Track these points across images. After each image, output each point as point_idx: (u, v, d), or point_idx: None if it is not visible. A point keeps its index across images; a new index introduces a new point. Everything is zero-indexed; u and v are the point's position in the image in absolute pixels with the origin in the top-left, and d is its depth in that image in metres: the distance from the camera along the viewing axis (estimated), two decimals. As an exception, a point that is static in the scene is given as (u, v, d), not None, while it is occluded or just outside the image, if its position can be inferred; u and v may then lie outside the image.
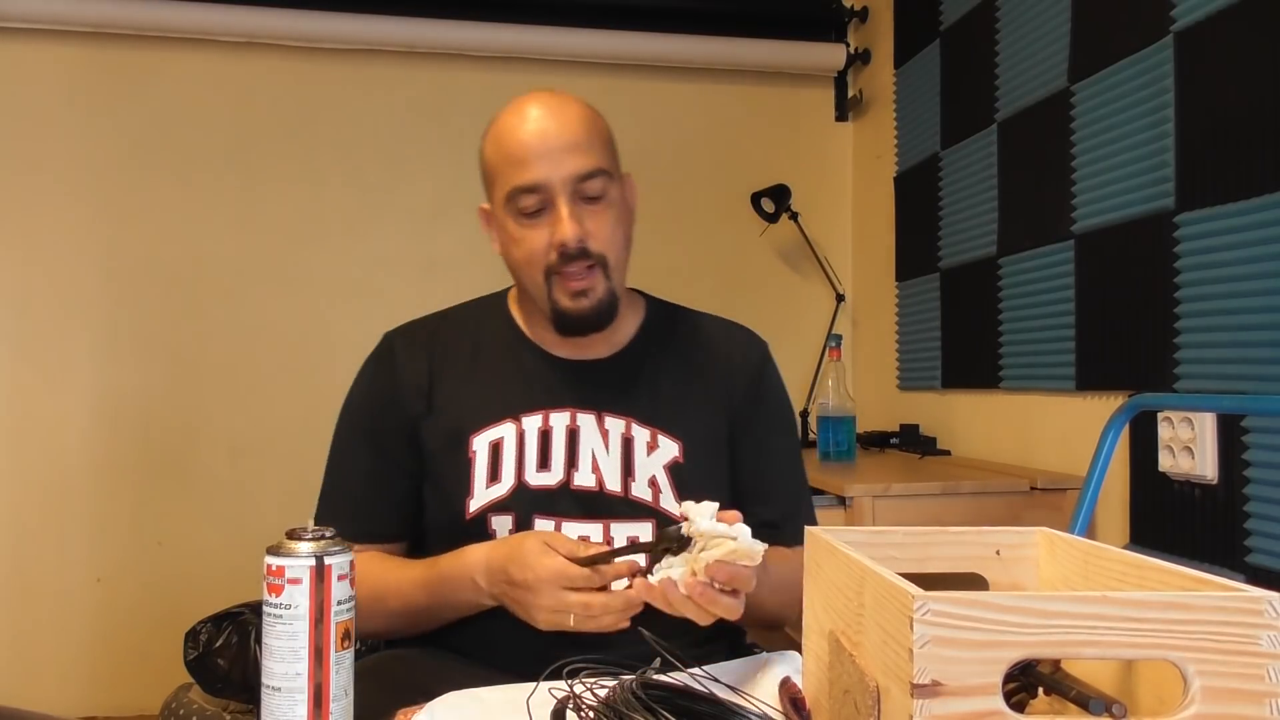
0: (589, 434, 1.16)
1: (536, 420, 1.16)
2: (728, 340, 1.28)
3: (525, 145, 1.12)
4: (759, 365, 1.27)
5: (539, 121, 1.13)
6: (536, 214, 1.12)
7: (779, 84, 3.13)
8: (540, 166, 1.11)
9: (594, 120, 1.18)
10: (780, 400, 1.29)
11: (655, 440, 1.16)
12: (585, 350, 1.20)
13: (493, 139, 1.17)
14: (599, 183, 1.13)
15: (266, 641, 0.76)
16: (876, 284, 2.95)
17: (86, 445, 2.74)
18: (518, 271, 1.18)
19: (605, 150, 1.16)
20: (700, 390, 1.22)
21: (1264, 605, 0.56)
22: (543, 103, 1.15)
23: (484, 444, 1.15)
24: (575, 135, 1.13)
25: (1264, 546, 1.50)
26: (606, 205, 1.15)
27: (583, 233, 1.11)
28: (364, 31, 2.83)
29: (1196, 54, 1.65)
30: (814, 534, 0.78)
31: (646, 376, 1.21)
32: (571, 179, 1.11)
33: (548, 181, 1.11)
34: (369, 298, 2.85)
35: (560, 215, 1.11)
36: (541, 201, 1.12)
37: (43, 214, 2.73)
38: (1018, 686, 0.70)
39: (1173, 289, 1.68)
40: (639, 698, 0.70)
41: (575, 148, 1.12)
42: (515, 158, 1.12)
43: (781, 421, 1.28)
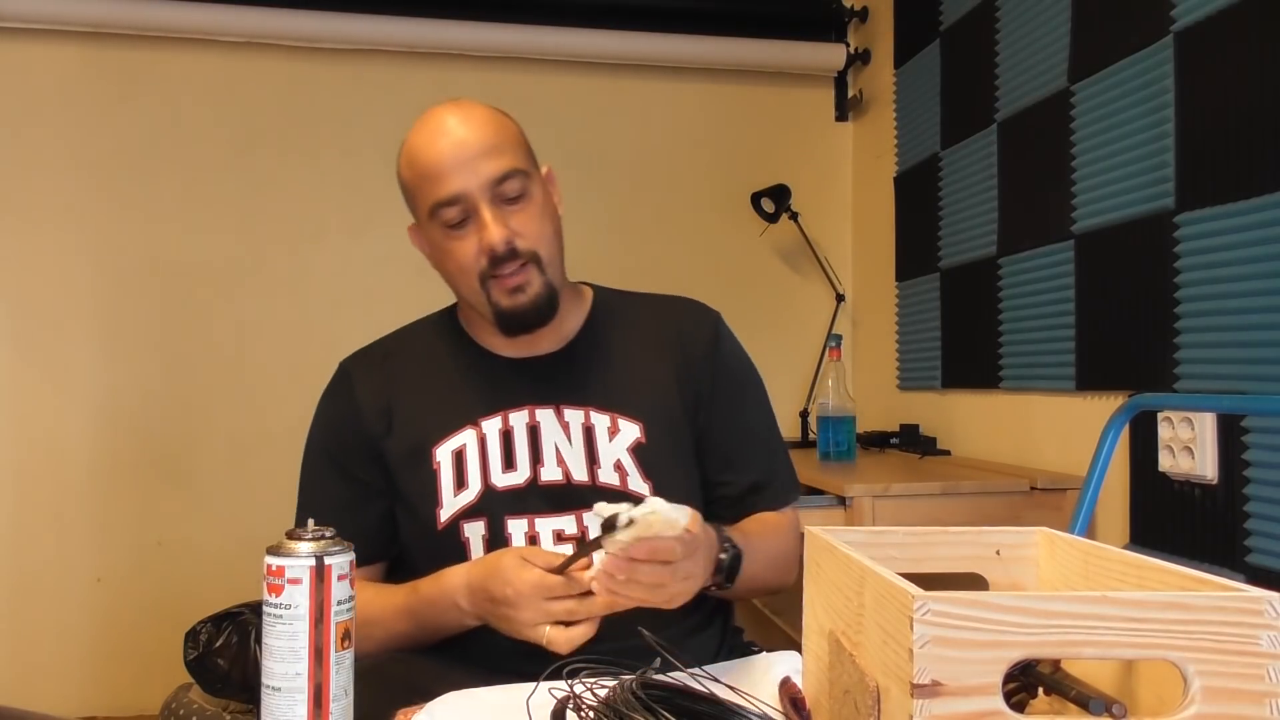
0: (550, 428, 1.17)
1: (496, 422, 1.17)
2: (676, 315, 1.27)
3: (438, 159, 1.13)
4: (712, 333, 1.26)
5: (448, 133, 1.14)
6: (461, 224, 1.13)
7: (779, 84, 3.13)
8: (456, 177, 1.12)
9: (502, 122, 1.18)
10: (739, 363, 1.28)
11: (615, 425, 1.17)
12: (535, 347, 1.21)
13: (406, 159, 1.18)
14: (517, 182, 1.14)
15: (266, 641, 0.76)
16: (876, 284, 2.95)
17: (86, 445, 2.74)
18: (454, 283, 1.19)
19: (517, 150, 1.16)
20: (654, 368, 1.22)
21: (1264, 605, 0.56)
22: (448, 114, 1.16)
23: (446, 454, 1.17)
24: (485, 140, 1.13)
25: (1264, 546, 1.50)
26: (528, 203, 1.15)
27: (509, 234, 1.12)
28: (364, 31, 2.83)
29: (1196, 54, 1.65)
30: (814, 534, 0.78)
31: (599, 363, 1.22)
32: (489, 184, 1.12)
33: (466, 191, 1.12)
34: (369, 298, 2.85)
35: (484, 221, 1.12)
36: (463, 211, 1.13)
37: (42, 214, 2.73)
38: (1018, 686, 0.70)
39: (1173, 289, 1.68)
40: (639, 698, 0.70)
41: (487, 153, 1.12)
42: (430, 174, 1.13)
43: (744, 384, 1.27)
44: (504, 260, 1.12)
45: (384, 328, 1.33)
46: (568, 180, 1.23)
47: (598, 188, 3.00)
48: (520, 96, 3.07)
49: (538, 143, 1.11)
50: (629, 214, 3.02)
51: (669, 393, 1.21)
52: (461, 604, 1.05)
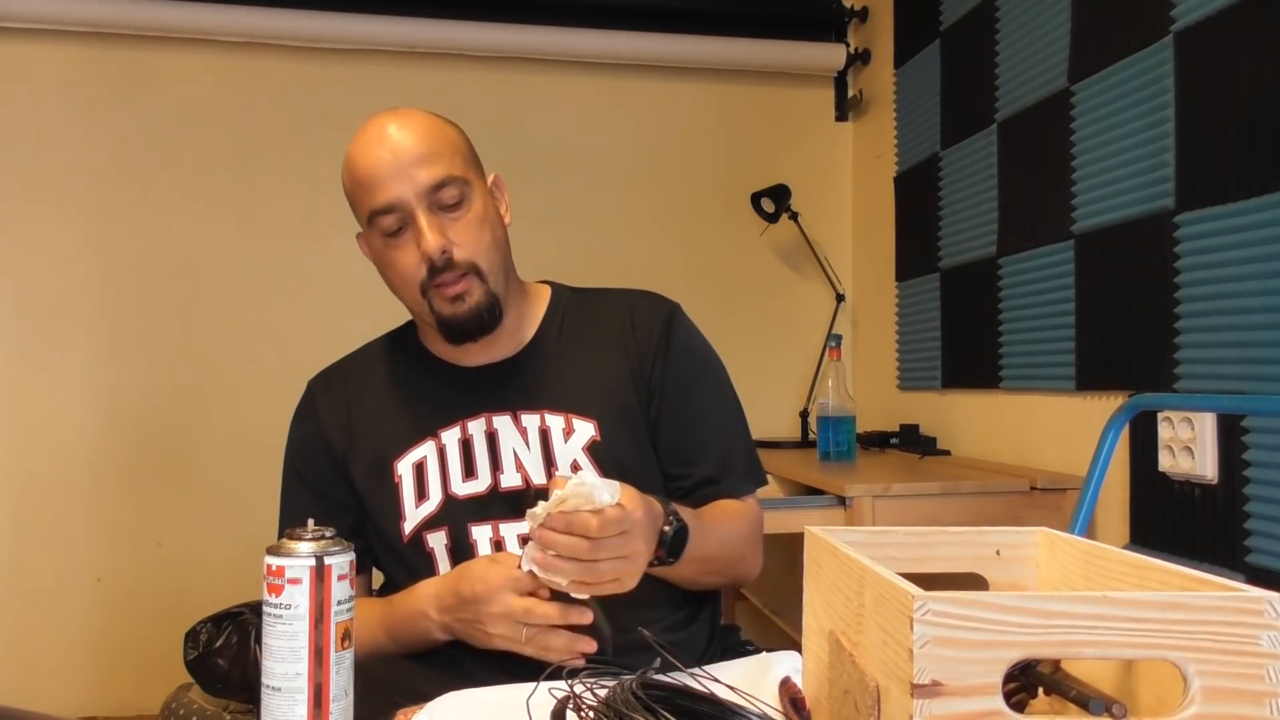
0: (508, 435, 1.17)
1: (455, 432, 1.18)
2: (630, 309, 1.26)
3: (374, 168, 1.12)
4: (664, 324, 1.23)
5: (384, 142, 1.12)
6: (399, 233, 1.13)
7: (779, 84, 3.13)
8: (392, 185, 1.11)
9: (441, 129, 1.16)
10: (693, 352, 1.26)
11: (570, 425, 1.17)
12: (490, 354, 1.21)
13: (346, 168, 1.18)
14: (454, 190, 1.13)
15: (266, 641, 0.76)
16: (876, 284, 2.95)
17: (86, 445, 2.74)
18: (398, 293, 1.19)
19: (455, 157, 1.15)
20: (608, 365, 1.21)
21: (1264, 605, 0.56)
22: (387, 122, 1.14)
23: (407, 467, 1.17)
24: (421, 148, 1.12)
25: (1264, 546, 1.50)
26: (466, 211, 1.14)
27: (445, 243, 1.12)
28: (364, 31, 2.83)
29: (1196, 54, 1.65)
30: (814, 534, 0.78)
31: (553, 365, 1.22)
32: (425, 191, 1.11)
33: (401, 198, 1.11)
34: (369, 298, 2.84)
35: (420, 229, 1.11)
36: (400, 220, 1.12)
37: (42, 214, 2.73)
38: (1018, 686, 0.70)
39: (1173, 289, 1.68)
40: (639, 698, 0.70)
41: (422, 160, 1.11)
42: (366, 181, 1.13)
43: (697, 373, 1.24)
44: (441, 270, 1.12)
45: (384, 327, 1.33)
46: (568, 180, 1.24)
47: (598, 188, 3.00)
48: (520, 96, 3.09)
49: (537, 143, 1.11)
50: (629, 214, 3.02)
51: (623, 388, 1.20)
52: (430, 614, 1.06)
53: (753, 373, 2.96)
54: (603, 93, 3.03)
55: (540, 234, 2.93)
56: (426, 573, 1.13)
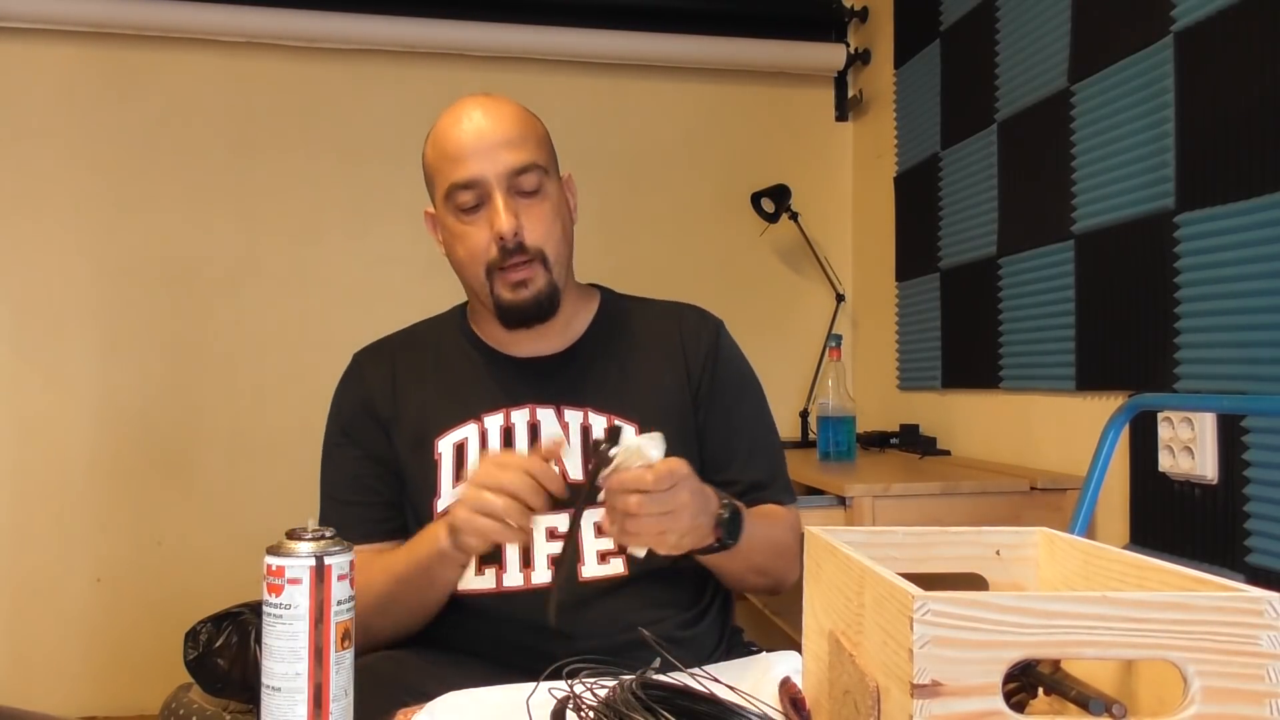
0: (550, 427, 1.18)
1: (498, 419, 1.19)
2: (679, 320, 1.29)
3: (461, 143, 1.15)
4: (713, 338, 1.28)
5: (474, 120, 1.15)
6: (475, 210, 1.15)
7: (779, 84, 3.13)
8: (475, 162, 1.13)
9: (528, 119, 1.20)
10: (738, 367, 1.30)
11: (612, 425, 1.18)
12: (540, 346, 1.23)
13: (432, 141, 1.20)
14: (534, 177, 1.15)
15: (266, 641, 0.76)
16: (876, 284, 2.95)
17: (86, 445, 2.74)
18: (462, 271, 1.20)
19: (540, 147, 1.19)
20: (655, 371, 1.23)
21: (1264, 605, 0.56)
22: (478, 104, 1.18)
23: (448, 445, 1.19)
24: (509, 132, 1.15)
25: (1264, 546, 1.50)
26: (542, 199, 1.17)
27: (518, 225, 1.14)
28: (364, 31, 2.83)
29: (1196, 54, 1.65)
30: (814, 534, 0.78)
31: (600, 365, 1.23)
32: (506, 173, 1.14)
33: (483, 176, 1.13)
34: (369, 297, 2.85)
35: (496, 209, 1.13)
36: (478, 197, 1.14)
37: (43, 213, 2.73)
38: (1018, 686, 0.70)
39: (1173, 289, 1.68)
40: (639, 698, 0.70)
41: (509, 144, 1.14)
42: (451, 156, 1.15)
43: (743, 387, 1.29)
44: (511, 253, 1.14)
45: (384, 327, 1.34)
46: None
47: (598, 188, 3.00)
48: (521, 96, 3.06)
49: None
50: (629, 214, 3.02)
51: (668, 395, 1.22)
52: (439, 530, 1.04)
53: (753, 373, 2.96)
54: (603, 93, 3.03)
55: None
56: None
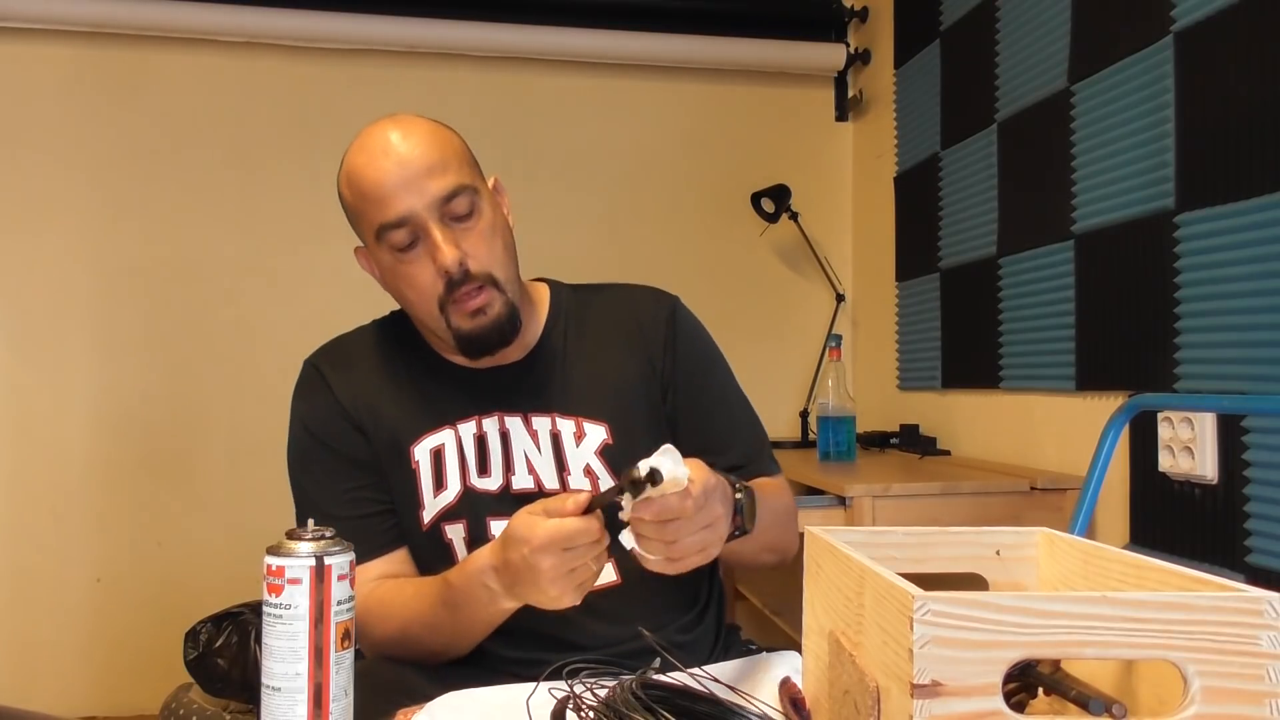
0: (519, 436, 1.16)
1: (470, 426, 1.16)
2: (632, 305, 1.25)
3: (380, 181, 1.08)
4: (668, 318, 1.23)
5: (389, 152, 1.08)
6: (411, 247, 1.09)
7: (779, 84, 3.13)
8: (401, 198, 1.07)
9: (445, 137, 1.13)
10: (700, 345, 1.26)
11: (581, 429, 1.16)
12: (498, 358, 1.18)
13: (346, 179, 1.14)
14: (465, 200, 1.09)
15: (266, 641, 0.76)
16: (876, 284, 2.95)
17: (86, 445, 2.74)
18: (412, 309, 1.15)
19: (463, 165, 1.12)
20: (616, 365, 1.20)
21: (1264, 605, 0.56)
22: (389, 130, 1.11)
23: (425, 452, 1.15)
24: (429, 157, 1.08)
25: (1264, 546, 1.50)
26: (477, 220, 1.11)
27: (461, 255, 1.08)
28: (364, 31, 2.83)
29: (1196, 54, 1.65)
30: (814, 534, 0.78)
31: (561, 368, 1.20)
32: (436, 202, 1.08)
33: (412, 211, 1.07)
34: (369, 297, 2.84)
35: (435, 242, 1.08)
36: (411, 234, 1.08)
37: (42, 214, 2.73)
38: (1018, 686, 0.70)
39: (1173, 289, 1.68)
40: (639, 698, 0.70)
41: (432, 170, 1.08)
42: (373, 195, 1.09)
43: (708, 365, 1.25)
44: (459, 283, 1.08)
45: (384, 327, 1.32)
46: (568, 180, 1.23)
47: (597, 188, 3.00)
48: (520, 96, 3.09)
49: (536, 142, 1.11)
50: (628, 214, 3.02)
51: (633, 388, 1.19)
52: (492, 586, 0.98)
53: (753, 373, 2.94)
54: (603, 93, 3.03)
55: (540, 234, 2.93)
56: (445, 564, 1.10)
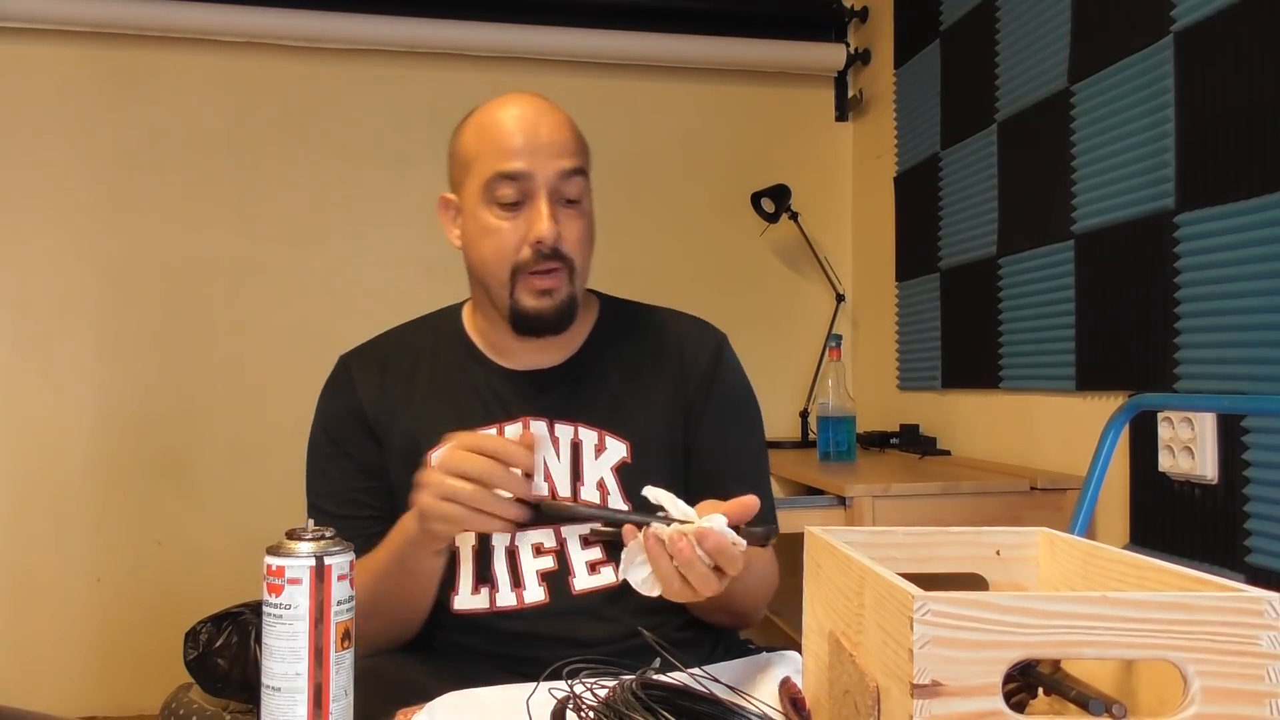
0: (541, 442, 1.15)
1: (490, 434, 1.15)
2: (680, 333, 1.25)
3: (513, 134, 1.11)
4: (713, 356, 1.23)
5: (529, 117, 1.12)
6: (513, 206, 1.11)
7: (779, 84, 3.13)
8: (527, 157, 1.10)
9: (577, 128, 1.17)
10: (737, 390, 1.25)
11: (603, 442, 1.16)
12: (538, 359, 1.19)
13: (475, 126, 1.16)
14: (579, 184, 1.13)
15: (266, 641, 0.76)
16: (876, 284, 2.95)
17: (86, 445, 2.74)
18: (481, 267, 1.15)
19: (585, 156, 1.16)
20: (652, 387, 1.20)
21: (1264, 605, 0.56)
22: (531, 101, 1.15)
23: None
24: (564, 136, 1.13)
25: (1264, 546, 1.50)
26: (581, 211, 1.14)
27: (558, 232, 1.10)
28: (364, 31, 2.83)
29: (1196, 54, 1.65)
30: (814, 534, 0.78)
31: (596, 379, 1.19)
32: (556, 175, 1.11)
33: (533, 172, 1.10)
34: (369, 298, 2.85)
35: (540, 211, 1.10)
36: (521, 193, 1.10)
37: (42, 214, 2.73)
38: (1018, 686, 0.70)
39: (1173, 289, 1.68)
40: (639, 698, 0.70)
41: (563, 147, 1.12)
42: (501, 145, 1.11)
43: (739, 410, 1.24)
44: (545, 258, 1.10)
45: (383, 328, 1.32)
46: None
47: (597, 187, 2.97)
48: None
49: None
50: (629, 214, 3.01)
51: (662, 413, 1.19)
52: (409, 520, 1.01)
53: (753, 373, 2.93)
54: (603, 93, 3.03)
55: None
56: (449, 570, 1.11)
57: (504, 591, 1.12)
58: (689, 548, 0.85)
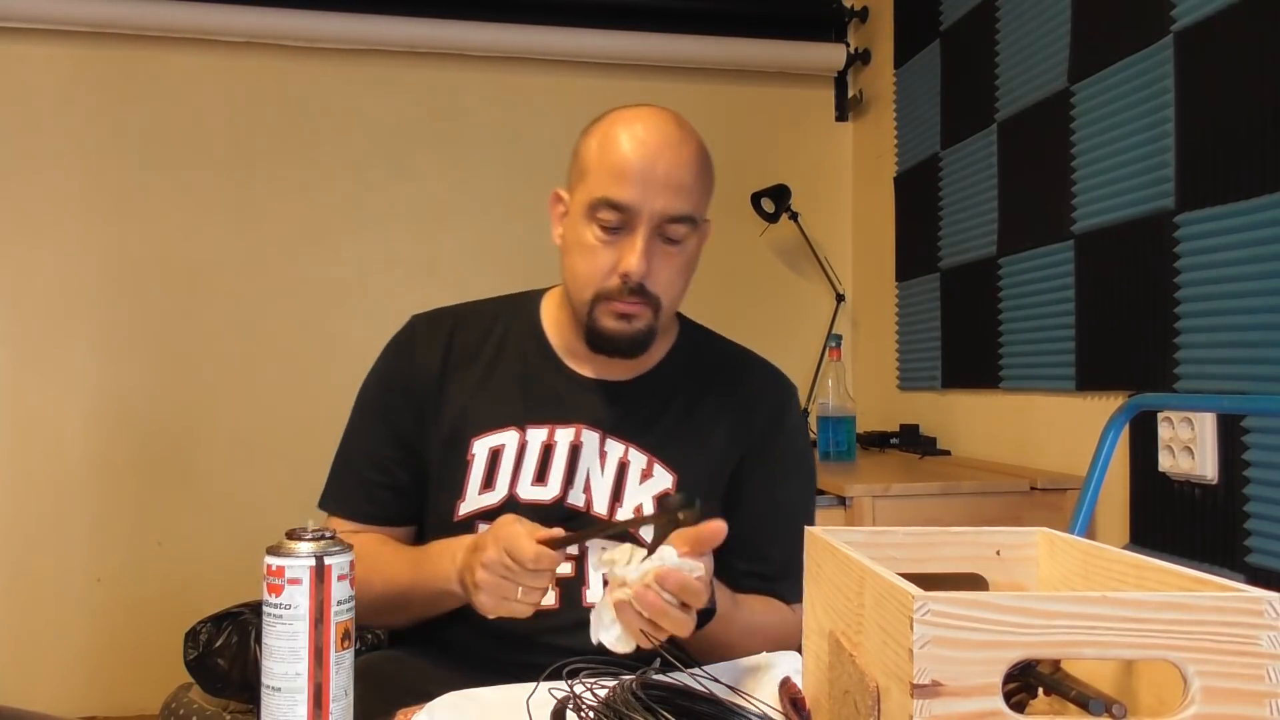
0: (589, 453, 1.15)
1: (542, 434, 1.15)
2: (752, 377, 1.24)
3: (630, 162, 1.08)
4: (781, 407, 1.22)
5: (652, 146, 1.09)
6: (612, 231, 1.09)
7: (779, 84, 3.13)
8: (636, 190, 1.08)
9: (704, 166, 1.14)
10: (797, 446, 1.24)
11: (651, 469, 1.15)
12: (607, 371, 1.18)
13: (601, 136, 1.13)
14: (683, 229, 1.11)
15: (266, 641, 0.76)
16: (876, 284, 2.95)
17: (86, 445, 2.74)
18: (571, 278, 1.14)
19: (702, 200, 1.13)
20: (712, 425, 1.19)
21: (1264, 605, 0.56)
22: (661, 128, 1.11)
23: (484, 449, 1.15)
24: (683, 177, 1.09)
25: (1264, 546, 1.50)
26: (680, 253, 1.12)
27: (648, 271, 1.09)
28: (364, 31, 2.83)
29: (1196, 54, 1.65)
30: (814, 534, 0.78)
31: (658, 404, 1.18)
32: (661, 216, 1.09)
33: (637, 208, 1.08)
34: (369, 298, 2.85)
35: (635, 246, 1.08)
36: (622, 222, 1.09)
37: (43, 214, 2.73)
38: (1018, 686, 0.70)
39: (1173, 289, 1.68)
40: (639, 698, 0.70)
41: (678, 189, 1.09)
42: (616, 169, 1.09)
43: (794, 468, 1.23)
44: (631, 291, 1.09)
45: (384, 328, 1.30)
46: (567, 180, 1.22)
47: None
48: (520, 96, 3.09)
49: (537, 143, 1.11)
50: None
51: (717, 452, 1.18)
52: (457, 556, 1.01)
53: (753, 373, 2.96)
54: (603, 93, 3.02)
55: (541, 234, 2.92)
56: None
57: None
58: (656, 598, 0.85)
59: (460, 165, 2.93)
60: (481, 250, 2.90)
